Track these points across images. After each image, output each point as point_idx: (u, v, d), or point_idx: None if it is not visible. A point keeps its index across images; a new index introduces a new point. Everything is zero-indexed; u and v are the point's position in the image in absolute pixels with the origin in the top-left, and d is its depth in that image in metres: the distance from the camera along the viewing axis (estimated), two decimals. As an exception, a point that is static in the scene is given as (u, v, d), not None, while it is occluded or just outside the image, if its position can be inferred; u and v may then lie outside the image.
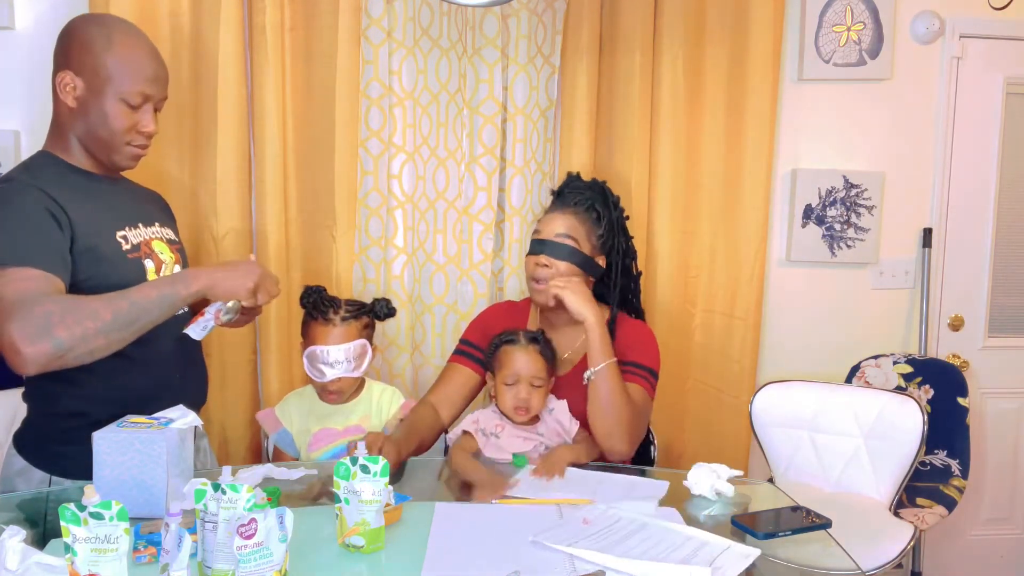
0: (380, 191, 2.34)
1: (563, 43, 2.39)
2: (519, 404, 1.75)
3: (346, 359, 1.87)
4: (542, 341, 1.81)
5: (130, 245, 1.53)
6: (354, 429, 1.94)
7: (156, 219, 1.66)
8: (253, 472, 1.54)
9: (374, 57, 2.28)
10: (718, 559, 1.21)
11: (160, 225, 1.66)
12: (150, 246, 1.57)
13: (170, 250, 1.62)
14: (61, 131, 1.54)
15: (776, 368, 2.63)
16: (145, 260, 1.54)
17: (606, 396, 1.73)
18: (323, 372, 1.87)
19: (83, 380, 1.47)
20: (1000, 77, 2.70)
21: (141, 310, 1.37)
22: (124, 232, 1.53)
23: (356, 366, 1.89)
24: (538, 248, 1.87)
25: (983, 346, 2.80)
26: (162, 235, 1.64)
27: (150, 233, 1.60)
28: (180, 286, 1.41)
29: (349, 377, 1.89)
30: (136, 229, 1.57)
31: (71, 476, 1.51)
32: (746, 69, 2.43)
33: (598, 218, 1.92)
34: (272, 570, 1.05)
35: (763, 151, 2.46)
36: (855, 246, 2.65)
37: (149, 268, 1.54)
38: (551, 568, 1.19)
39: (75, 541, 1.02)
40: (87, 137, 1.52)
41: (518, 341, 1.79)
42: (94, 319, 1.31)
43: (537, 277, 1.85)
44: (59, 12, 2.16)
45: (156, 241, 1.60)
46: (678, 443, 2.58)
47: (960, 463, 2.46)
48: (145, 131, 1.53)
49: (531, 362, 1.77)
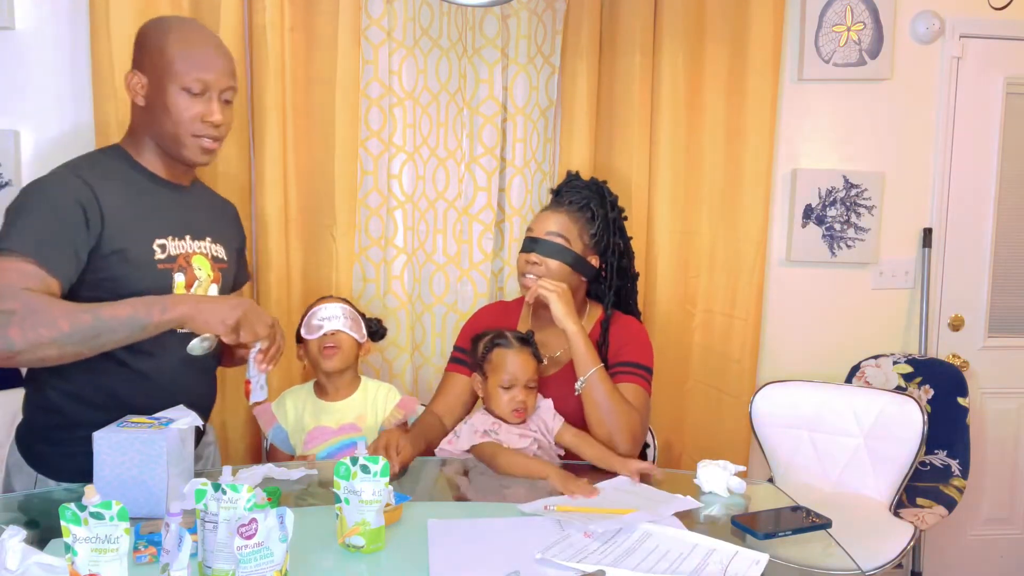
0: (380, 191, 2.34)
1: (563, 43, 2.39)
2: (517, 407, 1.75)
3: (342, 315, 1.93)
4: (532, 342, 1.81)
5: (166, 255, 1.51)
6: (349, 427, 1.94)
7: (210, 234, 1.62)
8: (253, 472, 1.54)
9: (374, 57, 2.28)
10: (730, 567, 1.21)
11: (212, 241, 1.62)
12: (189, 260, 1.55)
13: (211, 267, 1.59)
14: (135, 131, 1.56)
15: (776, 368, 2.63)
16: (176, 273, 1.52)
17: (601, 402, 1.74)
18: (320, 326, 1.90)
19: (81, 383, 1.48)
20: (1000, 77, 2.70)
21: (106, 327, 1.34)
22: (164, 241, 1.51)
23: (352, 327, 1.94)
24: (529, 246, 1.89)
25: (983, 346, 2.80)
26: (209, 251, 1.60)
27: (195, 247, 1.57)
28: (156, 310, 1.37)
29: (346, 334, 1.92)
30: (180, 240, 1.55)
31: (54, 477, 1.52)
32: (746, 69, 2.43)
33: (592, 217, 1.93)
34: (272, 570, 1.05)
35: (763, 151, 2.47)
36: (855, 246, 2.65)
37: (178, 281, 1.52)
38: (552, 569, 1.19)
39: (75, 541, 1.02)
40: (157, 134, 1.52)
41: (510, 344, 1.78)
42: (50, 328, 1.30)
43: (527, 274, 1.87)
44: (59, 12, 2.17)
45: (198, 256, 1.57)
46: (678, 443, 2.58)
47: (960, 463, 2.46)
48: (211, 120, 1.50)
49: (526, 365, 1.76)
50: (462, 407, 1.91)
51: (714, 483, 1.53)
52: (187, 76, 1.48)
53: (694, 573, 1.18)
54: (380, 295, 2.37)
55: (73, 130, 2.18)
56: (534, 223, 1.92)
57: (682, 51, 2.42)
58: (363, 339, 1.99)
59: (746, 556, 1.25)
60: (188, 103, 1.49)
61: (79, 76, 2.17)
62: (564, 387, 1.82)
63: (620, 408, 1.74)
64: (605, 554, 1.23)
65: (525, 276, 1.88)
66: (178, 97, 1.48)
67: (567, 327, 1.78)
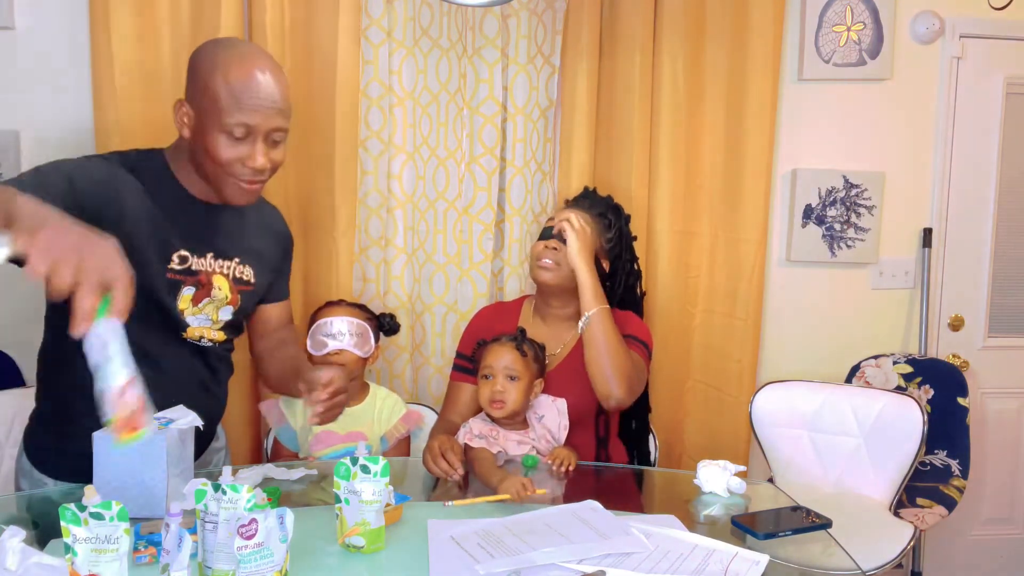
0: (380, 191, 2.34)
1: (563, 43, 2.39)
2: (494, 397, 1.72)
3: (349, 332, 1.90)
4: (520, 338, 1.80)
5: (183, 267, 1.47)
6: (356, 435, 1.94)
7: (240, 254, 1.56)
8: (253, 472, 1.54)
9: (374, 57, 2.28)
10: (730, 567, 1.21)
11: (241, 262, 1.56)
12: (210, 278, 1.50)
13: (230, 288, 1.54)
14: (178, 150, 1.49)
15: (776, 368, 2.63)
16: (187, 286, 1.48)
17: (601, 339, 1.76)
18: (324, 343, 1.88)
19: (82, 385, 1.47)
20: (1000, 77, 2.70)
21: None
22: (186, 254, 1.47)
23: (359, 344, 1.91)
24: (549, 233, 1.92)
25: (983, 346, 2.80)
26: (232, 272, 1.54)
27: (217, 266, 1.52)
28: None
29: (351, 353, 1.90)
30: (203, 259, 1.50)
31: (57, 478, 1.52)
32: (746, 69, 2.43)
33: (609, 226, 1.97)
34: (273, 570, 1.05)
35: (763, 151, 2.46)
36: (855, 246, 2.65)
37: (185, 294, 1.48)
38: (552, 569, 1.19)
39: (75, 541, 1.02)
40: (199, 166, 1.46)
41: (495, 340, 1.79)
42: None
43: (543, 259, 1.88)
44: (59, 12, 2.17)
45: (219, 276, 1.52)
46: (678, 443, 2.58)
47: (960, 463, 2.46)
48: (252, 166, 1.41)
49: (504, 354, 1.74)
50: (472, 414, 1.91)
51: (714, 483, 1.53)
52: (229, 119, 1.37)
53: (695, 573, 1.19)
54: (380, 295, 2.37)
55: (73, 130, 2.18)
56: (554, 215, 1.97)
57: (682, 51, 2.42)
58: (369, 353, 1.97)
59: (746, 557, 1.25)
60: (229, 145, 1.39)
61: (79, 76, 2.17)
62: (564, 379, 1.82)
63: (620, 351, 1.76)
64: None
65: (541, 261, 1.88)
66: (218, 138, 1.39)
67: (577, 264, 1.82)
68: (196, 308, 1.50)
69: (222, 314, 1.55)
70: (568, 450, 1.73)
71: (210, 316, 1.53)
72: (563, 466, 1.67)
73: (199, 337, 1.53)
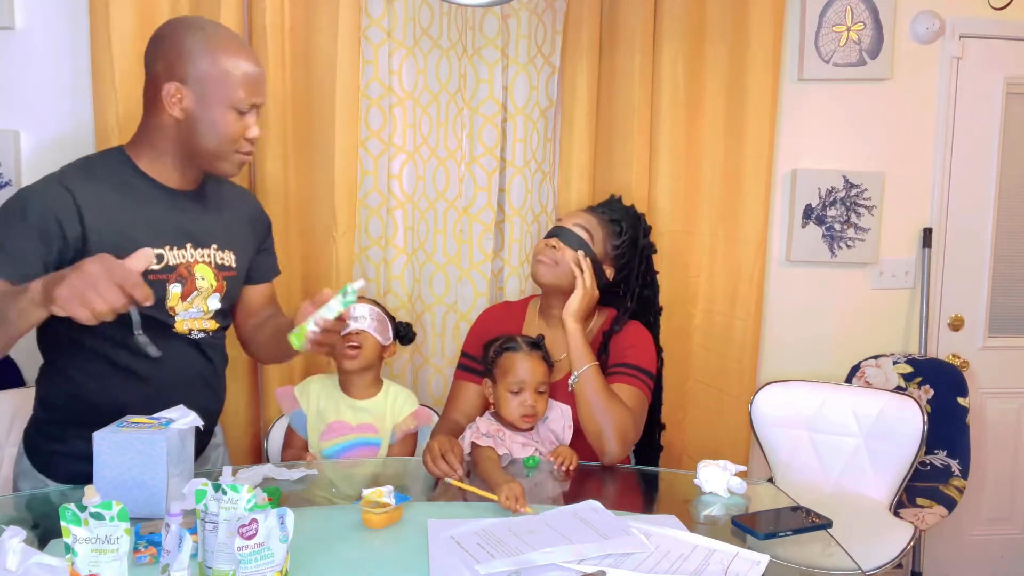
0: (380, 191, 2.34)
1: (563, 43, 2.39)
2: (527, 412, 1.74)
3: (370, 316, 1.93)
4: (543, 348, 1.81)
5: (161, 265, 1.47)
6: (367, 427, 1.96)
7: (217, 240, 1.57)
8: (253, 472, 1.55)
9: (374, 57, 2.28)
10: (731, 567, 1.21)
11: (219, 248, 1.57)
12: (191, 269, 1.51)
13: (215, 276, 1.55)
14: (149, 139, 1.49)
15: (776, 368, 2.63)
16: (172, 284, 1.48)
17: (592, 399, 1.74)
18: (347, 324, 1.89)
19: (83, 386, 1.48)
20: (1000, 77, 2.70)
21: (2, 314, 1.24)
22: (162, 251, 1.47)
23: (379, 330, 1.94)
24: (554, 232, 1.93)
25: (983, 346, 2.80)
26: (213, 259, 1.55)
27: (198, 255, 1.53)
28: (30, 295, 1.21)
29: (371, 336, 1.92)
30: (181, 250, 1.50)
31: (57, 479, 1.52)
32: (746, 69, 2.43)
33: (620, 232, 1.96)
34: (273, 571, 1.05)
35: (763, 151, 2.46)
36: (855, 246, 2.65)
37: (173, 292, 1.49)
38: (552, 569, 1.19)
39: (75, 541, 1.02)
40: (191, 147, 1.47)
41: (520, 348, 1.78)
42: None
43: (541, 254, 1.89)
44: (59, 12, 2.16)
45: (200, 265, 1.53)
46: (678, 443, 2.58)
47: (960, 463, 2.46)
48: (250, 137, 1.49)
49: (535, 369, 1.76)
50: (476, 414, 1.91)
51: (714, 483, 1.54)
52: (240, 96, 1.45)
53: (695, 574, 1.19)
54: (380, 295, 2.36)
55: (73, 130, 2.18)
56: (564, 215, 1.98)
57: (682, 51, 2.42)
58: (388, 342, 1.99)
59: (747, 557, 1.25)
60: (234, 121, 1.46)
61: (79, 76, 2.17)
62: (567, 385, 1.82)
63: (611, 407, 1.73)
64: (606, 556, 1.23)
65: (539, 256, 1.89)
66: (226, 114, 1.45)
67: (568, 322, 1.80)
68: (186, 303, 1.51)
69: (211, 303, 1.56)
70: (570, 449, 1.75)
71: (200, 308, 1.54)
72: (564, 464, 1.68)
73: (188, 330, 1.53)
